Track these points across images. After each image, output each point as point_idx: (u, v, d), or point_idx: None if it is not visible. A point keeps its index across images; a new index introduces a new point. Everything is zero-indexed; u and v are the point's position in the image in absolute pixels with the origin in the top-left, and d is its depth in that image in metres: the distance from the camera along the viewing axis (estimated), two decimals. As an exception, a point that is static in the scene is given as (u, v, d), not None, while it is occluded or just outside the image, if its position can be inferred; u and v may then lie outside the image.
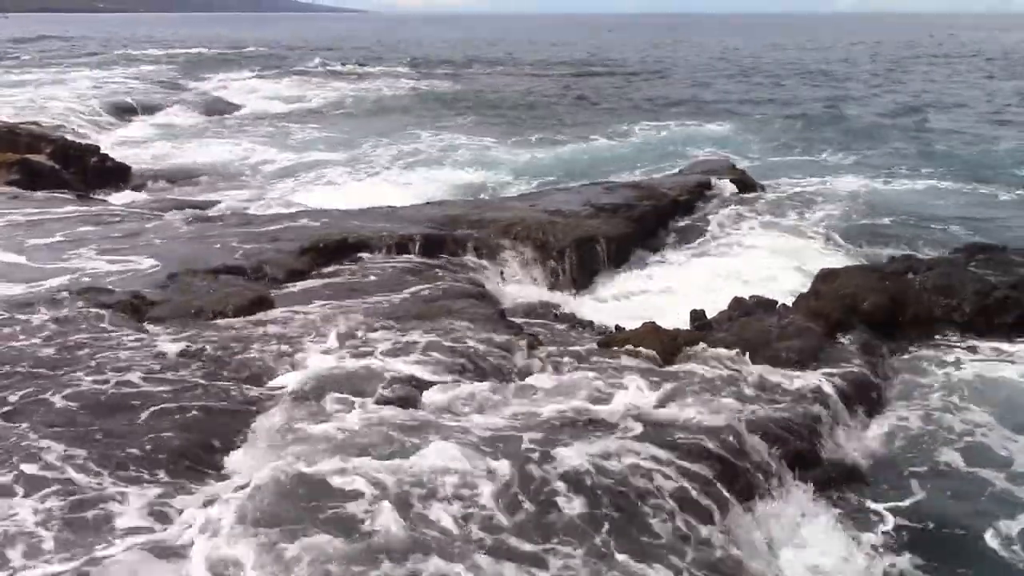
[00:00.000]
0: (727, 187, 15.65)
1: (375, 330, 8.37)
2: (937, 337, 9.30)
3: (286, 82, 43.89)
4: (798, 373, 7.79)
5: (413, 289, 10.11)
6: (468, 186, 18.67)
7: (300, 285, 10.26)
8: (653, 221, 13.50)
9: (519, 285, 11.46)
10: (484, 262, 11.62)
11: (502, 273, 11.58)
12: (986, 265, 10.12)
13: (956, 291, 9.47)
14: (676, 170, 17.76)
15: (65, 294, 8.94)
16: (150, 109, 30.50)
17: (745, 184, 16.09)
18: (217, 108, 32.36)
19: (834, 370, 7.95)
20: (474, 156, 22.16)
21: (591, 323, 9.93)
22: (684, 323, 9.47)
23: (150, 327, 8.42)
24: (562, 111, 32.66)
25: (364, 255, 11.26)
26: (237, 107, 33.36)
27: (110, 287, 9.31)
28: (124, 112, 29.42)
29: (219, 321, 8.70)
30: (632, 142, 25.11)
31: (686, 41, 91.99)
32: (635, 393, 7.13)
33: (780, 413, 6.88)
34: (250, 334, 8.28)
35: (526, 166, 21.40)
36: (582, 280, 11.76)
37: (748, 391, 7.39)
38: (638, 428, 6.42)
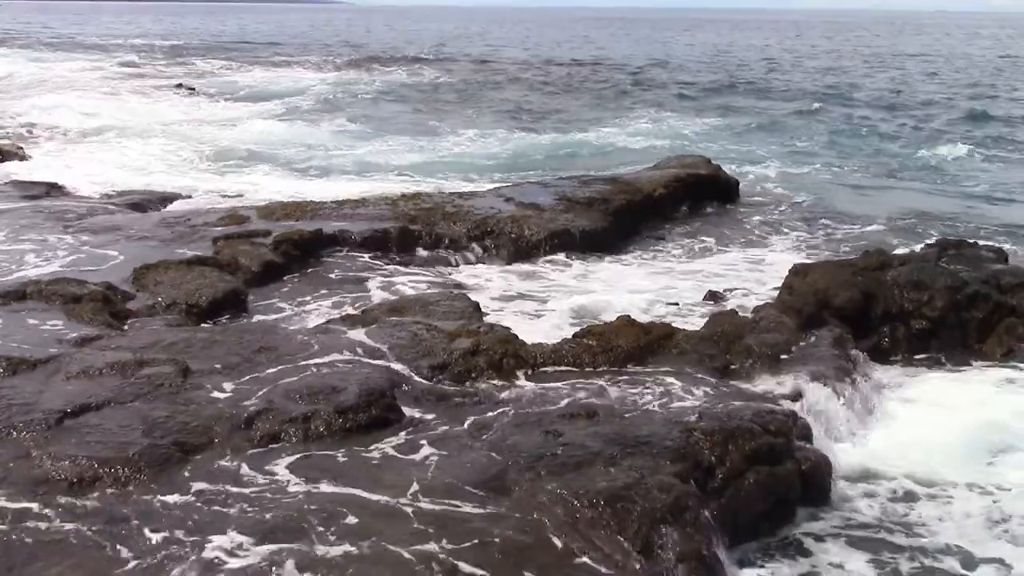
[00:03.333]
0: (702, 182, 15.69)
1: (349, 326, 8.33)
2: (908, 332, 9.42)
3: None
4: (768, 368, 7.84)
5: (386, 283, 10.09)
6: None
7: (274, 277, 10.22)
8: (628, 215, 13.51)
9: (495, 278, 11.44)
10: (460, 255, 11.59)
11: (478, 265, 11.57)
12: (957, 260, 10.21)
13: (927, 286, 9.54)
14: (651, 164, 17.79)
15: (34, 285, 8.84)
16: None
17: (720, 179, 16.14)
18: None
19: (805, 365, 7.99)
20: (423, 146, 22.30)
21: (567, 316, 9.91)
22: (658, 316, 9.52)
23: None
24: (533, 105, 32.65)
25: (338, 248, 11.23)
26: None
27: (81, 279, 9.21)
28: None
29: (191, 316, 8.66)
30: (603, 136, 25.22)
31: (658, 36, 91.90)
32: (605, 389, 7.15)
33: (746, 409, 6.88)
34: (222, 330, 8.21)
35: (494, 157, 21.60)
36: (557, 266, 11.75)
37: (717, 385, 7.43)
38: (606, 427, 6.42)
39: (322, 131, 25.16)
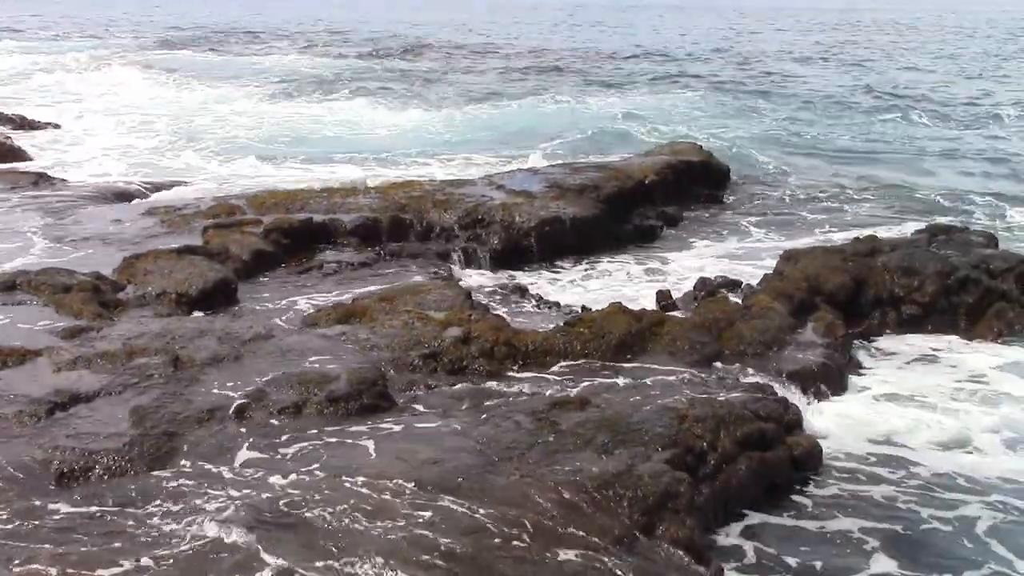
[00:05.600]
0: (694, 169, 15.68)
1: (340, 315, 8.31)
2: (899, 317, 9.46)
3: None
4: (759, 354, 7.87)
5: (377, 271, 10.08)
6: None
7: (264, 267, 10.19)
8: (620, 202, 13.48)
9: (485, 266, 11.43)
10: (450, 244, 11.56)
11: (468, 254, 11.53)
12: (947, 245, 10.24)
13: (918, 271, 9.58)
14: (644, 151, 17.76)
15: (23, 276, 8.79)
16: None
17: (711, 165, 16.12)
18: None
19: (796, 351, 8.02)
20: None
21: (557, 304, 9.93)
22: (650, 303, 9.52)
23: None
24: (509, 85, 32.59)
25: (329, 237, 11.18)
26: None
27: (70, 269, 9.16)
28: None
29: (181, 306, 8.65)
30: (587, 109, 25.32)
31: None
32: (596, 376, 7.16)
33: (738, 395, 6.89)
34: (213, 320, 8.19)
35: (478, 132, 21.80)
36: (548, 261, 11.74)
37: (708, 372, 7.44)
38: (598, 414, 6.43)
39: (311, 113, 25.11)
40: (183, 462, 5.61)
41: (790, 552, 5.72)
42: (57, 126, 21.78)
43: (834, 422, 7.26)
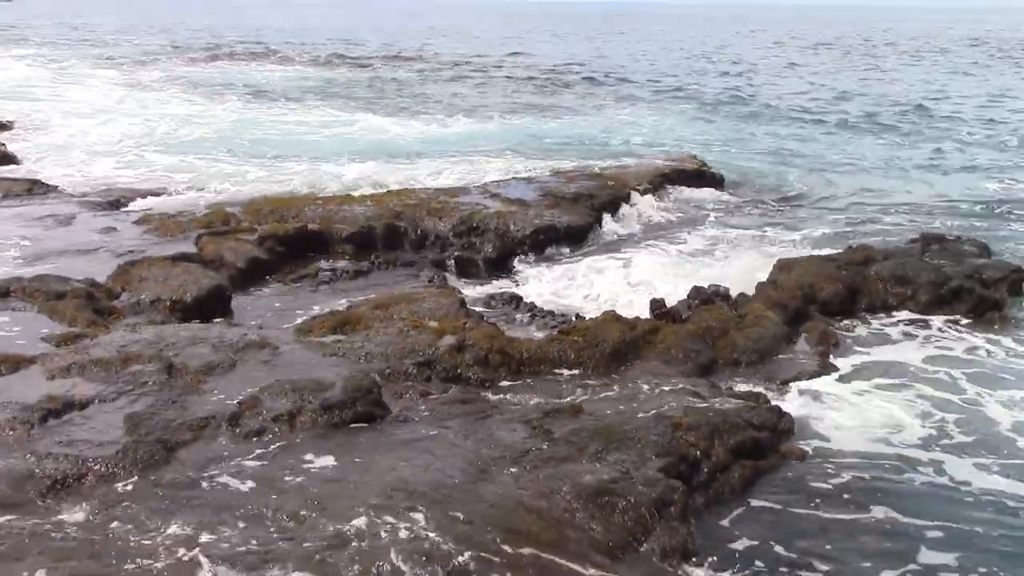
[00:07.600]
0: (687, 178, 15.77)
1: (335, 323, 8.31)
2: (890, 323, 9.48)
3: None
4: (754, 362, 7.89)
5: (372, 279, 10.08)
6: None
7: (259, 274, 10.19)
8: (613, 210, 13.51)
9: (480, 274, 11.44)
10: (445, 252, 11.58)
11: (463, 262, 11.54)
12: (940, 255, 10.29)
13: (911, 280, 9.62)
14: (638, 160, 17.82)
15: (17, 283, 8.77)
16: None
17: (704, 174, 16.20)
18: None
19: (791, 360, 8.04)
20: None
21: (551, 312, 9.93)
22: (644, 311, 9.53)
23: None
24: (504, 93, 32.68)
25: (324, 244, 11.20)
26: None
27: (64, 276, 9.15)
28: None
29: (176, 313, 8.64)
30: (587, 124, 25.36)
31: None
32: (590, 384, 7.17)
33: (732, 404, 6.90)
34: (207, 327, 8.18)
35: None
36: (543, 269, 11.74)
37: (702, 380, 7.45)
38: (592, 422, 6.43)
39: (299, 119, 25.17)
40: (177, 469, 5.59)
41: (790, 552, 5.73)
42: (50, 132, 21.77)
43: (831, 423, 7.27)
